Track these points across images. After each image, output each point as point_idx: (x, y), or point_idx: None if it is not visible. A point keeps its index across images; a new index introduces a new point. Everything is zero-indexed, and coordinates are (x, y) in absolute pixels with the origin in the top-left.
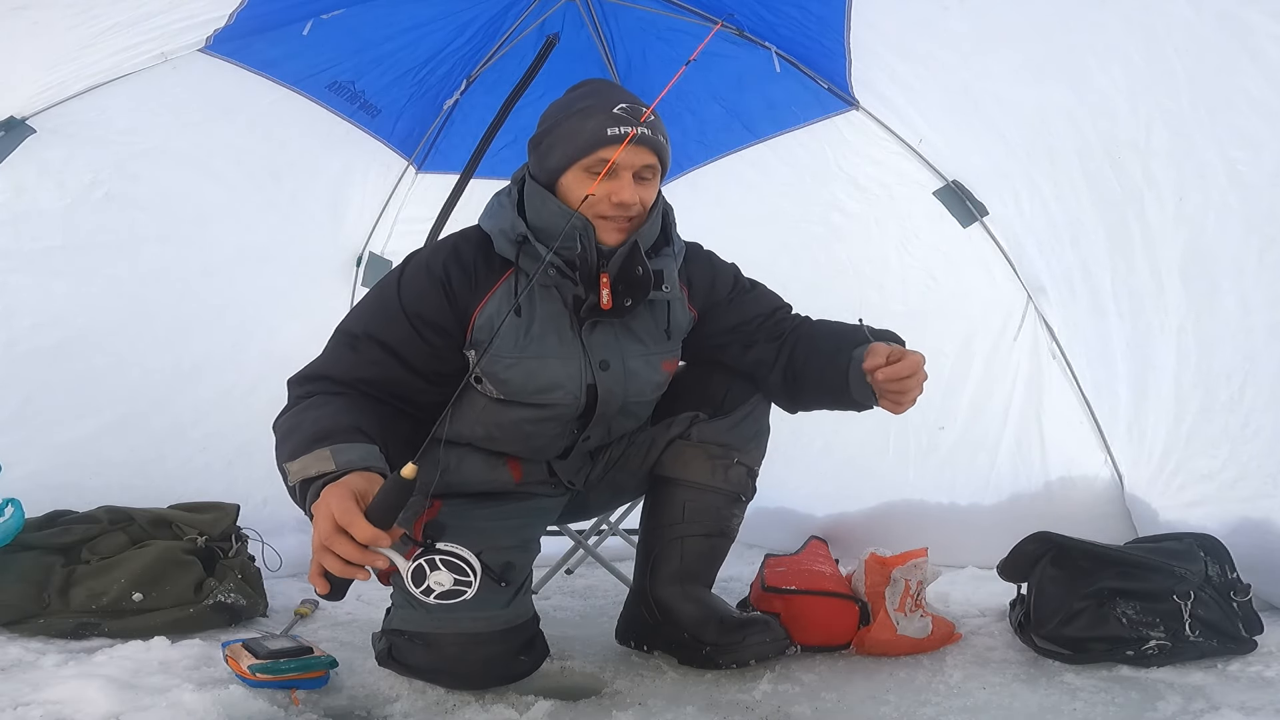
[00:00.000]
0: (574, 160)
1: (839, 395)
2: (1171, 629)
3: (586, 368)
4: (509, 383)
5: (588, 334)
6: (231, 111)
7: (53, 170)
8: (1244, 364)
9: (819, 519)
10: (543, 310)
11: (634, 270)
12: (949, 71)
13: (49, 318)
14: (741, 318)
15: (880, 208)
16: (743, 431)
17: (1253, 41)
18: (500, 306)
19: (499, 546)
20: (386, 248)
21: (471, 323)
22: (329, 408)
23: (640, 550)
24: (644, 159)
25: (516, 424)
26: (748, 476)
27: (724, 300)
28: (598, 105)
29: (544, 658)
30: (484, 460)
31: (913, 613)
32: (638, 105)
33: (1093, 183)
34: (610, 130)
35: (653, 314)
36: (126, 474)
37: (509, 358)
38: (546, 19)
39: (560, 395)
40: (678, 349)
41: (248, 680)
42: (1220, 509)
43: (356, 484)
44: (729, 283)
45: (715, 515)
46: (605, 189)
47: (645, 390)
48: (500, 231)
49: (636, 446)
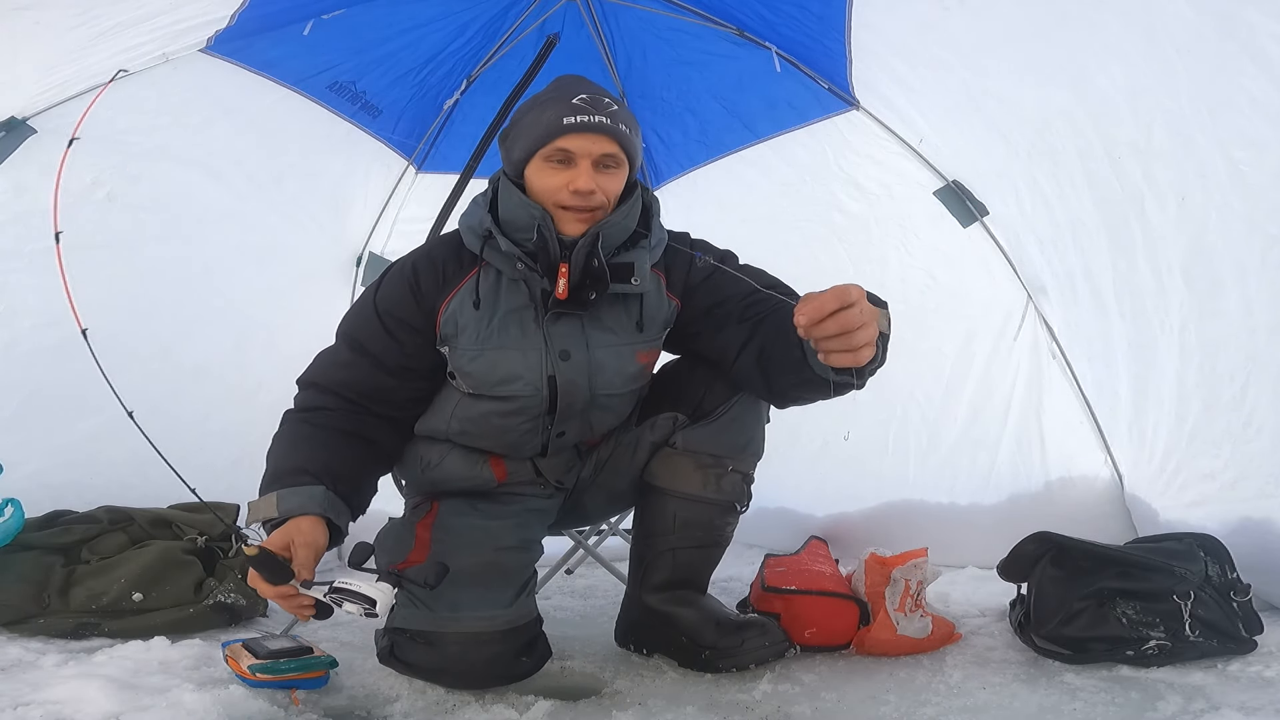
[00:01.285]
0: (533, 151)
1: (799, 369)
2: (1171, 629)
3: (547, 358)
4: (472, 375)
5: (550, 325)
6: (232, 112)
7: (54, 170)
8: (1246, 364)
9: (819, 519)
10: (507, 303)
11: (591, 263)
12: (950, 71)
13: (50, 318)
14: (715, 299)
15: (880, 208)
16: (733, 438)
17: (1253, 41)
18: (464, 301)
19: (500, 546)
20: (386, 248)
21: (439, 319)
22: (289, 441)
23: (633, 557)
24: (603, 147)
25: (486, 417)
26: (743, 483)
27: (699, 283)
28: (558, 96)
29: (545, 660)
30: (463, 457)
31: (913, 613)
32: (601, 96)
33: (1094, 182)
34: (566, 120)
35: (625, 306)
36: (127, 474)
37: (472, 350)
38: (546, 19)
39: (520, 386)
40: (655, 340)
41: (248, 680)
42: (1221, 509)
43: (279, 539)
44: (708, 265)
45: (708, 527)
46: (563, 178)
47: (615, 382)
48: (469, 228)
49: (623, 446)
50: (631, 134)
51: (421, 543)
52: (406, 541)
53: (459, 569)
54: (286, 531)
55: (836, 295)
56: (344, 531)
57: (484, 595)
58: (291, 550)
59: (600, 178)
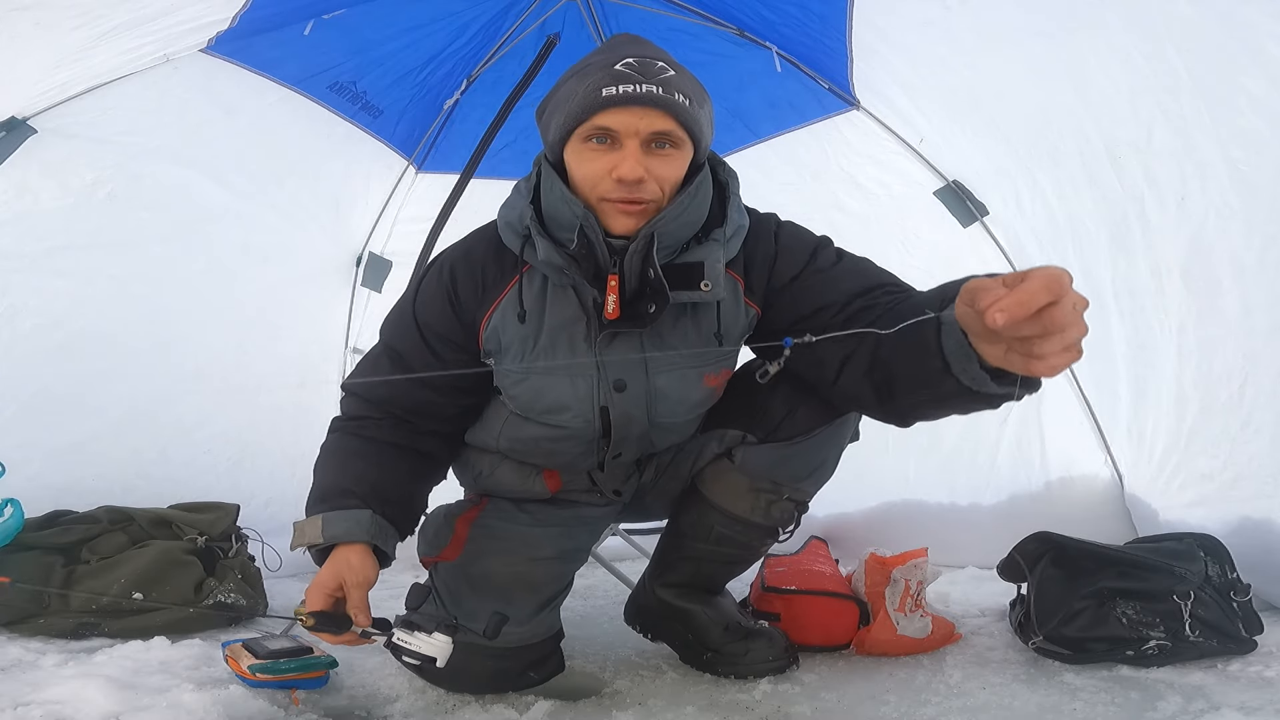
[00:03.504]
0: (570, 129)
1: (938, 381)
2: (1171, 629)
3: (599, 388)
4: (517, 399)
5: (604, 346)
6: (233, 112)
7: (55, 170)
8: (1244, 364)
9: (819, 519)
10: (553, 315)
11: (647, 272)
12: (951, 71)
13: (51, 318)
14: (805, 309)
15: (880, 207)
16: (798, 466)
17: (1254, 40)
18: (507, 313)
19: (535, 556)
20: (386, 248)
21: (480, 334)
22: (336, 457)
23: (657, 548)
24: (654, 123)
25: (536, 441)
26: (795, 511)
27: (787, 284)
28: (601, 60)
29: (555, 674)
30: (516, 469)
31: (913, 613)
32: (653, 60)
33: (1094, 182)
34: (606, 90)
35: (693, 317)
36: (129, 475)
37: (516, 372)
38: (547, 19)
39: (569, 418)
40: (730, 358)
41: (248, 680)
42: (1220, 509)
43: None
44: (798, 261)
45: (744, 547)
46: (606, 163)
47: (678, 411)
48: (507, 224)
49: (686, 454)
50: (694, 105)
51: (458, 539)
52: (444, 535)
53: (487, 575)
54: (337, 570)
55: (1046, 285)
56: (391, 556)
57: (503, 608)
58: (345, 590)
59: (652, 161)
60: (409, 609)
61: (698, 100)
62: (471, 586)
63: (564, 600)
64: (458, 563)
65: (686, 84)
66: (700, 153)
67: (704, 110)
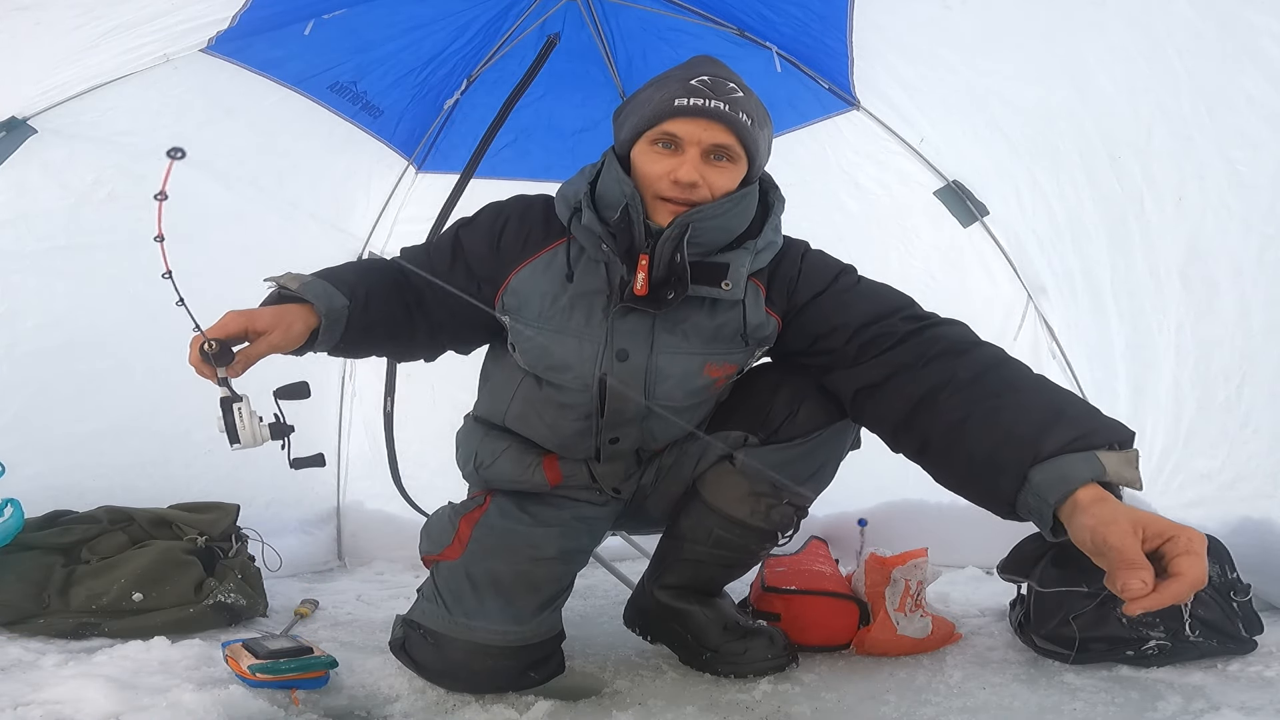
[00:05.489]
0: (640, 131)
1: (986, 502)
2: (1171, 629)
3: (603, 355)
4: (527, 353)
5: (617, 319)
6: (233, 112)
7: (55, 170)
8: (1242, 364)
9: (819, 519)
10: (580, 284)
11: (675, 258)
12: (951, 71)
13: (52, 319)
14: (821, 328)
15: (880, 208)
16: (799, 469)
17: (1253, 41)
18: (534, 274)
19: (538, 557)
20: (386, 247)
21: (506, 283)
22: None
23: (656, 551)
24: (716, 136)
25: (544, 403)
26: (794, 515)
27: (807, 303)
28: (679, 75)
29: (556, 675)
30: (517, 459)
31: (913, 613)
32: (725, 80)
33: (1094, 182)
34: (678, 101)
35: (710, 313)
36: (130, 476)
37: (532, 326)
38: (547, 19)
39: (570, 378)
40: (737, 355)
41: (248, 680)
42: (1219, 509)
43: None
44: (820, 283)
45: (742, 550)
46: (667, 165)
47: (676, 393)
48: (563, 196)
49: (688, 456)
50: (755, 126)
51: (461, 539)
52: (447, 534)
53: (489, 574)
54: (278, 317)
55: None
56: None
57: (504, 608)
58: (256, 338)
59: (708, 170)
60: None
61: (759, 122)
62: (473, 586)
63: (565, 601)
64: (459, 562)
65: (751, 106)
66: (754, 170)
67: (764, 132)
